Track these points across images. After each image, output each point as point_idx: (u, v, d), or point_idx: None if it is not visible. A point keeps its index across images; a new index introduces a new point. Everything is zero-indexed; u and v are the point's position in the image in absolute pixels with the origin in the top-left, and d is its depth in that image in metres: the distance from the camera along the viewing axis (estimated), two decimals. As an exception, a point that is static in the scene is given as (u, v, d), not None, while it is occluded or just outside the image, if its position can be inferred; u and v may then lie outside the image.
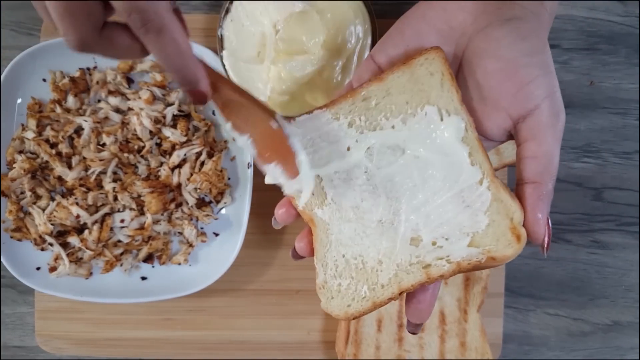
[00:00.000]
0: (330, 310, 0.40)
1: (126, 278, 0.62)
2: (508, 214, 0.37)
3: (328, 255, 0.41)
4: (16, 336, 0.66)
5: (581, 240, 0.67)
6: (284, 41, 0.55)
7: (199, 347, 0.65)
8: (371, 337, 0.61)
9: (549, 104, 0.37)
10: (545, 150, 0.37)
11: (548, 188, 0.37)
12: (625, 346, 0.67)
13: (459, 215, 0.39)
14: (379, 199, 0.41)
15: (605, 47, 0.67)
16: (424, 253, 0.39)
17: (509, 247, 0.37)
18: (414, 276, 0.39)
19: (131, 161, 0.61)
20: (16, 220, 0.61)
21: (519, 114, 0.38)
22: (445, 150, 0.39)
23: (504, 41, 0.37)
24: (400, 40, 0.41)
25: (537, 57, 0.37)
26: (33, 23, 0.66)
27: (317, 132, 0.42)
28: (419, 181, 0.40)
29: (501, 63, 0.37)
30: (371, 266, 0.40)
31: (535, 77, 0.37)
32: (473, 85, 0.40)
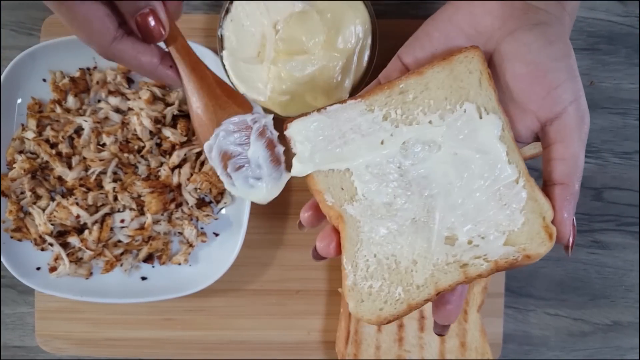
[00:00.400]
0: (361, 314, 0.38)
1: (126, 278, 0.62)
2: (541, 213, 0.38)
3: (359, 255, 0.39)
4: (16, 336, 0.66)
5: (581, 240, 0.67)
6: (284, 41, 0.55)
7: (199, 347, 0.65)
8: (371, 337, 0.61)
9: (576, 108, 0.38)
10: (572, 152, 0.38)
11: (575, 189, 0.39)
12: (625, 346, 0.67)
13: (497, 214, 0.39)
14: (413, 196, 0.40)
15: (605, 47, 0.67)
16: (460, 252, 0.39)
17: (542, 245, 0.38)
18: (451, 276, 0.38)
19: (131, 161, 0.61)
20: (16, 220, 0.61)
21: (547, 117, 0.39)
22: (484, 149, 0.39)
23: (532, 45, 0.38)
24: (427, 42, 0.42)
25: (564, 61, 0.38)
26: (33, 23, 0.66)
27: (349, 124, 0.41)
28: (456, 178, 0.39)
29: (530, 67, 0.38)
30: (405, 266, 0.39)
31: (563, 81, 0.38)
32: (501, 89, 0.41)
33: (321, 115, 0.41)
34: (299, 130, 0.41)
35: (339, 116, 0.41)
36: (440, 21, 0.42)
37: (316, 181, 0.41)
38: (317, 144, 0.41)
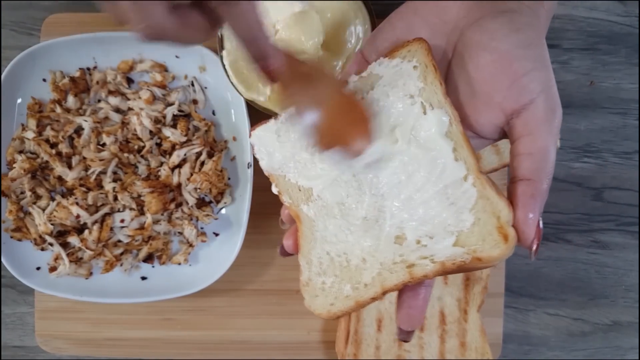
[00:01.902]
0: (314, 308, 0.39)
1: (126, 278, 0.62)
2: (495, 212, 0.34)
3: (313, 253, 0.40)
4: (16, 336, 0.66)
5: (581, 240, 0.67)
6: (283, 41, 0.55)
7: (199, 347, 0.65)
8: (371, 337, 0.61)
9: (545, 99, 0.35)
10: (541, 146, 0.35)
11: (542, 187, 0.35)
12: (625, 346, 0.67)
13: (443, 212, 0.36)
14: (364, 196, 0.39)
15: (605, 47, 0.67)
16: (407, 252, 0.37)
17: (495, 248, 0.34)
18: (397, 275, 0.37)
19: (131, 161, 0.61)
20: (16, 220, 0.61)
21: (512, 109, 0.36)
22: (428, 145, 0.37)
23: (497, 33, 0.36)
24: (391, 34, 0.40)
25: (532, 50, 0.36)
26: (33, 23, 0.66)
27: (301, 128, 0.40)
28: (404, 177, 0.38)
29: (494, 55, 0.36)
30: (355, 264, 0.39)
31: (530, 70, 0.35)
32: (464, 80, 0.38)
33: (278, 122, 0.42)
34: (259, 137, 0.43)
35: (292, 121, 0.41)
36: (404, 13, 0.40)
37: (276, 182, 0.42)
38: (274, 150, 0.42)
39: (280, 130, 0.42)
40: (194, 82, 0.62)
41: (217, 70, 0.59)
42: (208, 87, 0.62)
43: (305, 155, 0.41)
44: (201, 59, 0.61)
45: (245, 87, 0.57)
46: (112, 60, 0.62)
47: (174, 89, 0.62)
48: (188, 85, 0.63)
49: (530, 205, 0.34)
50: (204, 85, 0.63)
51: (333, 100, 0.39)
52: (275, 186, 0.42)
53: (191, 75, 0.62)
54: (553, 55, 0.66)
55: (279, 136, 0.42)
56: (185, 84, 0.63)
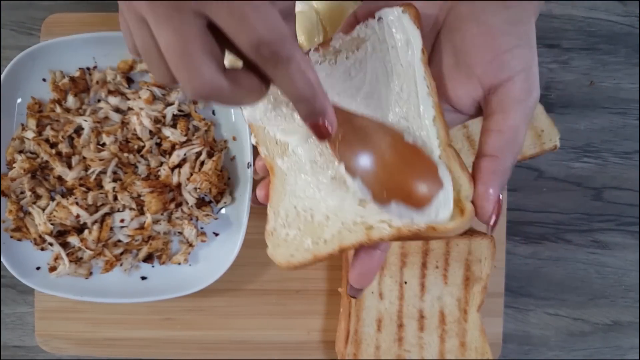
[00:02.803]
0: (275, 257, 0.40)
1: (126, 278, 0.62)
2: (455, 186, 0.35)
3: (281, 205, 0.41)
4: (16, 336, 0.66)
5: (581, 240, 0.67)
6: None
7: (199, 347, 0.65)
8: (371, 337, 0.61)
9: (523, 78, 0.35)
10: (511, 124, 0.35)
11: (506, 164, 0.35)
12: (625, 346, 0.67)
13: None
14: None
15: (605, 47, 0.67)
16: (368, 214, 0.38)
17: (451, 220, 0.35)
18: (355, 235, 0.38)
19: (131, 161, 0.61)
20: (16, 220, 0.61)
21: (490, 84, 0.36)
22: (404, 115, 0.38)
23: (487, 7, 0.36)
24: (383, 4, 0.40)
25: (519, 27, 0.36)
26: (33, 23, 0.66)
27: None
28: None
29: (481, 28, 0.36)
30: (318, 220, 0.39)
31: (514, 46, 0.35)
32: (449, 51, 0.38)
33: None
34: None
35: None
36: None
37: (256, 133, 0.42)
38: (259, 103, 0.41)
39: None
40: None
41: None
42: (208, 87, 0.62)
43: (285, 109, 0.41)
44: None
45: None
46: (112, 60, 0.62)
47: (174, 88, 0.62)
48: (188, 85, 0.63)
49: (491, 181, 0.35)
50: (204, 85, 0.62)
51: (391, 151, 0.38)
52: (254, 137, 0.43)
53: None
54: (553, 55, 0.66)
55: None
56: (185, 84, 0.63)
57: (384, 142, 0.38)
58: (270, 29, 0.29)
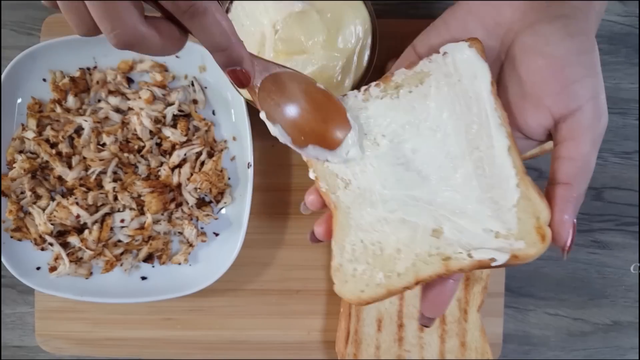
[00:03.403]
0: (343, 294, 0.39)
1: (126, 278, 0.62)
2: (535, 213, 0.36)
3: (347, 240, 0.40)
4: (16, 336, 0.66)
5: (581, 240, 0.67)
6: (283, 41, 0.55)
7: (199, 347, 0.65)
8: (371, 337, 0.61)
9: (593, 106, 0.36)
10: (583, 152, 0.36)
11: (580, 191, 0.37)
12: (625, 346, 0.67)
13: (486, 210, 0.38)
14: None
15: (605, 47, 0.67)
16: (444, 245, 0.38)
17: (532, 247, 0.36)
18: (432, 267, 0.38)
19: (131, 161, 0.61)
20: (16, 220, 0.61)
21: (561, 114, 0.37)
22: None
23: (551, 38, 0.37)
24: (445, 31, 0.41)
25: (584, 56, 0.36)
26: (33, 23, 0.66)
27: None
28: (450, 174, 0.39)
29: (547, 60, 0.37)
30: (389, 253, 0.39)
31: (582, 77, 0.36)
32: (515, 82, 0.39)
33: None
34: None
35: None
36: (459, 11, 0.41)
37: (314, 168, 0.42)
38: None
39: None
40: (194, 82, 0.62)
41: (217, 70, 0.59)
42: (208, 87, 0.63)
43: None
44: (201, 58, 0.61)
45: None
46: (112, 60, 0.62)
47: (174, 88, 0.62)
48: (188, 85, 0.63)
49: (567, 208, 0.36)
50: (204, 85, 0.63)
51: (306, 97, 0.40)
52: (313, 171, 0.42)
53: (191, 75, 0.62)
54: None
55: None
56: (185, 84, 0.63)
57: (299, 89, 0.40)
58: None
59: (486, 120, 0.38)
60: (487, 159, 0.38)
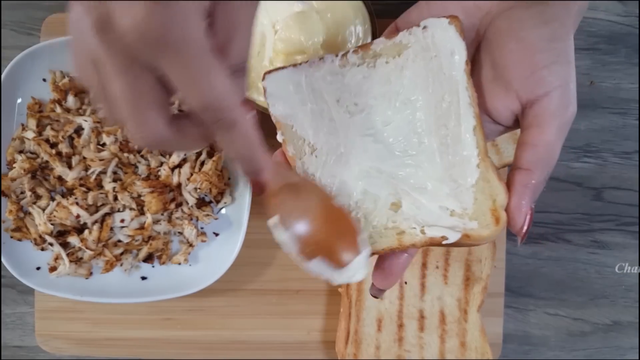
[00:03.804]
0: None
1: (126, 278, 0.62)
2: (492, 195, 0.36)
3: None
4: (16, 336, 0.66)
5: (581, 240, 0.67)
6: (283, 41, 0.55)
7: (199, 347, 0.65)
8: (371, 337, 0.61)
9: (560, 94, 0.36)
10: (546, 140, 0.37)
11: (540, 178, 0.37)
12: (625, 346, 0.67)
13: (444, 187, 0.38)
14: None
15: (605, 47, 0.67)
16: (400, 219, 0.38)
17: (485, 228, 0.36)
18: (386, 240, 0.38)
19: (131, 161, 0.61)
20: (16, 220, 0.61)
21: (527, 99, 0.37)
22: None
23: (525, 23, 0.37)
24: (426, 11, 0.41)
25: (557, 43, 0.37)
26: (33, 23, 0.66)
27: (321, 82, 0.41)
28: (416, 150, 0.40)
29: (519, 44, 0.37)
30: None
31: (551, 63, 0.36)
32: (489, 64, 0.40)
33: (296, 69, 0.42)
34: (275, 82, 0.42)
35: (314, 73, 0.42)
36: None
37: (282, 131, 0.42)
38: (287, 98, 0.42)
39: (297, 79, 0.42)
40: None
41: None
42: (208, 87, 0.62)
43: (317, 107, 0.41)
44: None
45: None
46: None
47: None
48: (188, 85, 0.63)
49: (525, 194, 0.36)
50: (204, 85, 0.62)
51: (321, 211, 0.39)
52: (282, 134, 0.42)
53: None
54: (553, 55, 0.66)
55: (296, 85, 0.42)
56: (185, 84, 0.63)
57: (315, 201, 0.39)
58: (217, 96, 0.29)
59: (456, 99, 0.38)
60: (452, 137, 0.38)
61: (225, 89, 0.30)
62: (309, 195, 0.39)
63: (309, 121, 0.42)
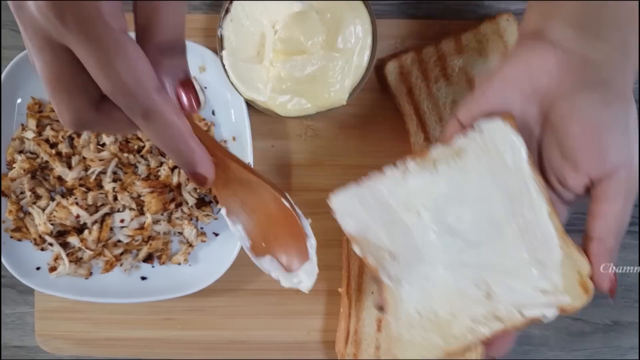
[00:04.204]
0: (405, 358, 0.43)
1: (126, 278, 0.62)
2: (577, 269, 0.41)
3: (400, 309, 0.44)
4: (16, 336, 0.66)
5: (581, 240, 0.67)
6: (282, 41, 0.55)
7: (199, 347, 0.65)
8: (371, 337, 0.61)
9: (626, 170, 0.39)
10: (614, 210, 0.40)
11: (611, 245, 0.41)
12: (625, 346, 0.67)
13: (533, 269, 0.42)
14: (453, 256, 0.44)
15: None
16: (496, 306, 0.42)
17: (578, 299, 0.41)
18: (487, 328, 0.42)
19: (131, 161, 0.61)
20: (16, 220, 0.61)
21: (597, 176, 0.40)
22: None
23: (588, 106, 0.39)
24: (484, 103, 0.43)
25: (619, 123, 0.39)
26: (33, 23, 0.65)
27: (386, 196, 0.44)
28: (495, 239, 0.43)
29: (584, 127, 0.39)
30: (444, 318, 0.43)
31: (616, 144, 0.39)
32: (555, 145, 0.41)
33: (358, 188, 0.45)
34: (340, 202, 0.46)
35: (376, 187, 0.45)
36: (496, 81, 0.42)
37: (359, 245, 0.45)
38: (356, 215, 0.45)
39: (362, 195, 0.45)
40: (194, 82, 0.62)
41: (217, 70, 0.59)
42: (208, 87, 0.63)
43: (388, 217, 0.44)
44: (201, 59, 0.61)
45: (245, 87, 0.57)
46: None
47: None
48: (188, 85, 0.63)
49: (603, 261, 0.41)
50: (203, 85, 0.63)
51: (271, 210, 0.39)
52: (359, 249, 0.45)
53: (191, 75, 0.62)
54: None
55: (361, 202, 0.45)
56: (185, 84, 0.63)
57: (265, 197, 0.39)
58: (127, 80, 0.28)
59: (526, 189, 0.42)
60: (530, 224, 0.42)
61: (139, 72, 0.28)
62: (258, 189, 0.39)
63: (383, 231, 0.45)
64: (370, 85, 0.63)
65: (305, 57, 0.56)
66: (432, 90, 0.62)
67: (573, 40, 0.39)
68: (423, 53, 0.61)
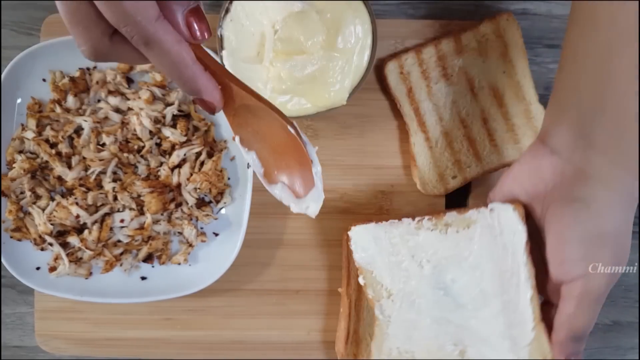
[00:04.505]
0: None
1: (126, 278, 0.62)
2: (543, 353, 0.46)
3: (384, 344, 0.51)
4: (16, 336, 0.66)
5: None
6: (282, 41, 0.55)
7: (199, 347, 0.65)
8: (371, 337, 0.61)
9: (582, 283, 0.43)
10: (567, 312, 0.45)
11: (564, 338, 0.45)
12: (625, 346, 0.67)
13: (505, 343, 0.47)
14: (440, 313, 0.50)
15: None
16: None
17: None
18: None
19: (131, 161, 0.61)
20: (16, 220, 0.61)
21: (561, 280, 0.45)
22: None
23: (564, 220, 0.44)
24: (499, 192, 0.51)
25: (585, 242, 0.44)
26: (33, 23, 0.66)
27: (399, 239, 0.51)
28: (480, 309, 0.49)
29: (557, 237, 0.45)
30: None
31: (577, 257, 0.44)
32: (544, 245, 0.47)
33: (378, 225, 0.52)
34: (357, 233, 0.53)
35: (392, 230, 0.51)
36: (509, 177, 0.50)
37: (364, 276, 0.52)
38: (368, 248, 0.52)
39: (378, 233, 0.52)
40: None
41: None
42: (208, 87, 0.62)
43: (395, 259, 0.51)
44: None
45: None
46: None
47: (174, 88, 0.62)
48: (188, 85, 0.62)
49: (556, 351, 0.46)
50: (203, 85, 0.62)
51: (279, 137, 0.39)
52: (363, 278, 0.52)
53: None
54: (553, 55, 0.66)
55: (376, 238, 0.52)
56: (185, 84, 0.63)
57: (273, 125, 0.39)
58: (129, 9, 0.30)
59: (517, 272, 0.47)
60: (513, 303, 0.47)
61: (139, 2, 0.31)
62: (267, 117, 0.39)
63: (387, 269, 0.51)
64: (370, 85, 0.63)
65: (305, 57, 0.56)
66: (432, 90, 0.62)
67: (570, 150, 0.44)
68: (423, 53, 0.61)
